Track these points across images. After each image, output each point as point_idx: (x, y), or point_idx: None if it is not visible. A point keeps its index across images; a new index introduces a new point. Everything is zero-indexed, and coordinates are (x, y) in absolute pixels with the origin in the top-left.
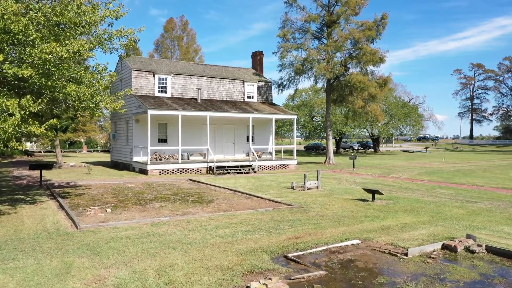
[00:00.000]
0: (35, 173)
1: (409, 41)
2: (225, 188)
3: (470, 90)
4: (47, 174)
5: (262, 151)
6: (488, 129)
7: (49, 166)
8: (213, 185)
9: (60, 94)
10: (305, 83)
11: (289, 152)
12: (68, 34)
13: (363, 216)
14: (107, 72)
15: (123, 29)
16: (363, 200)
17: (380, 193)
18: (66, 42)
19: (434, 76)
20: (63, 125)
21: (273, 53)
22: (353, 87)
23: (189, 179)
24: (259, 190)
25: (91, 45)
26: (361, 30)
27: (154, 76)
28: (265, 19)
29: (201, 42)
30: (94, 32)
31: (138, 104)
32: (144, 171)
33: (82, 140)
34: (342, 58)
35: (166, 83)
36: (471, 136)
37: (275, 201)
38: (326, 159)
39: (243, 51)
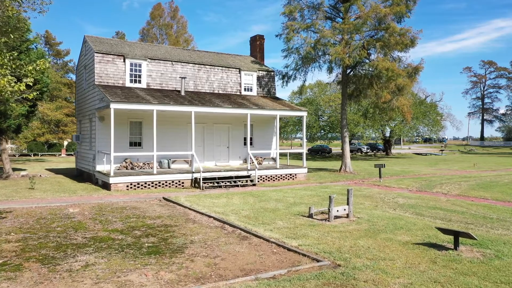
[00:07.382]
0: None
1: None
2: (210, 217)
3: (481, 89)
4: None
5: (263, 156)
6: (490, 130)
7: None
8: (194, 210)
9: None
10: (314, 75)
11: (292, 156)
12: None
13: None
14: None
15: None
16: (437, 246)
17: (472, 237)
18: None
19: (433, 78)
20: (10, 124)
21: (277, 35)
22: (377, 77)
23: (163, 198)
24: (261, 220)
25: None
26: (387, 6)
27: (124, 61)
28: (264, 21)
29: (200, 44)
30: None
31: (101, 97)
32: (106, 185)
33: (65, 142)
34: (363, 41)
35: (140, 71)
36: (481, 137)
37: (289, 249)
38: (341, 166)
39: (242, 53)
